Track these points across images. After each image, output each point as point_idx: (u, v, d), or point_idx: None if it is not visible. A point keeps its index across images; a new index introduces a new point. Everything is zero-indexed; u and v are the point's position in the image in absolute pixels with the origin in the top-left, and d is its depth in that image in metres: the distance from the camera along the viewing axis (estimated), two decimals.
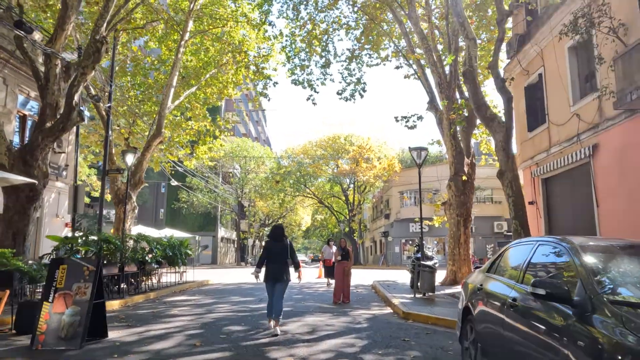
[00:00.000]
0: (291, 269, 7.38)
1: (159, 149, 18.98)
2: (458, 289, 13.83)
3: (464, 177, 15.68)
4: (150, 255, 12.39)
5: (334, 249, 15.43)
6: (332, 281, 15.36)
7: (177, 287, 14.55)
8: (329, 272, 15.09)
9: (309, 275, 21.78)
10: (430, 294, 11.35)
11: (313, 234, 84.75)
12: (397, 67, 22.41)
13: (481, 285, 4.52)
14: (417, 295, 11.43)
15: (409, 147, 12.56)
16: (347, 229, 46.79)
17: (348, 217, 46.37)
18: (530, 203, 15.46)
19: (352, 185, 46.80)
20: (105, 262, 10.78)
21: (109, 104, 15.11)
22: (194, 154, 20.29)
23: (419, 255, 12.81)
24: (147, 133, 19.01)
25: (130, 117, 20.08)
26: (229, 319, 8.28)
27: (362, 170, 39.04)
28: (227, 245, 51.87)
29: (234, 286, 15.96)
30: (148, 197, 45.48)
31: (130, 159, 13.32)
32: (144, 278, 14.36)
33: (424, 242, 12.58)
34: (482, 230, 36.22)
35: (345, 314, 8.95)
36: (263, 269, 7.36)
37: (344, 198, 48.32)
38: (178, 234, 26.22)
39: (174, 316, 8.57)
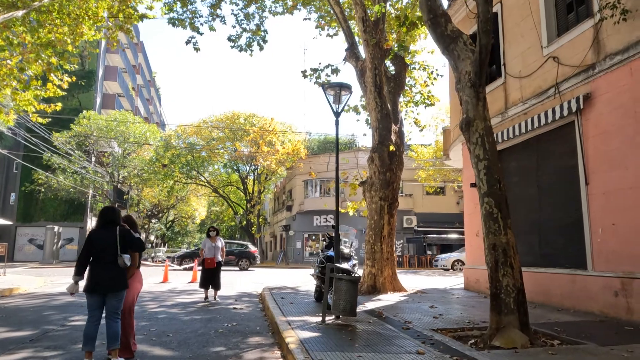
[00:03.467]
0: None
1: None
2: (382, 301, 9.64)
3: (392, 147, 11.62)
4: None
5: (220, 243, 10.53)
6: (213, 292, 10.46)
7: None
8: (209, 277, 10.13)
9: (186, 279, 16.39)
10: (347, 317, 6.92)
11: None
12: (306, 19, 17.95)
13: None
14: (328, 319, 6.96)
15: (323, 85, 8.10)
16: (244, 222, 41.63)
17: (246, 209, 41.18)
18: (473, 185, 11.82)
19: (252, 175, 41.71)
20: None
21: None
22: (14, 104, 13.98)
23: (330, 253, 8.38)
24: None
25: None
26: None
27: (263, 154, 34.17)
28: None
29: (46, 299, 10.25)
30: None
31: None
32: None
33: (340, 233, 8.19)
34: None
35: None
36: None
37: (242, 187, 43.08)
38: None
39: None
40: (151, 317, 7.74)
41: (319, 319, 6.99)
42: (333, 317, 7.09)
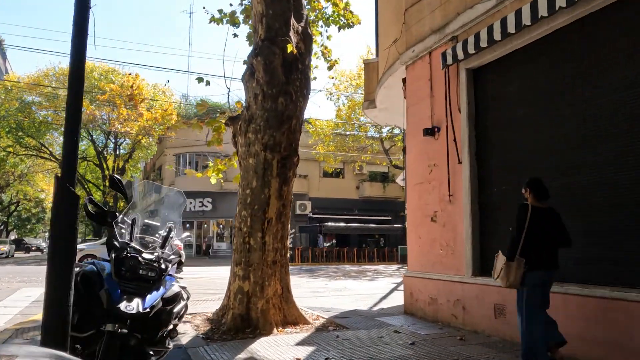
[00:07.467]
0: None
1: None
2: None
3: (290, 47, 6.06)
4: None
5: None
6: None
7: None
8: None
9: None
10: None
11: None
12: None
13: None
14: None
15: None
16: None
17: (103, 189, 32.90)
18: (429, 132, 6.73)
19: (111, 150, 33.42)
20: None
21: None
22: None
23: (104, 265, 2.59)
24: None
25: None
26: None
27: (122, 117, 26.55)
28: None
29: None
30: None
31: None
32: None
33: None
34: None
35: None
36: None
37: (99, 163, 34.60)
38: None
39: None
40: None
41: None
42: None
